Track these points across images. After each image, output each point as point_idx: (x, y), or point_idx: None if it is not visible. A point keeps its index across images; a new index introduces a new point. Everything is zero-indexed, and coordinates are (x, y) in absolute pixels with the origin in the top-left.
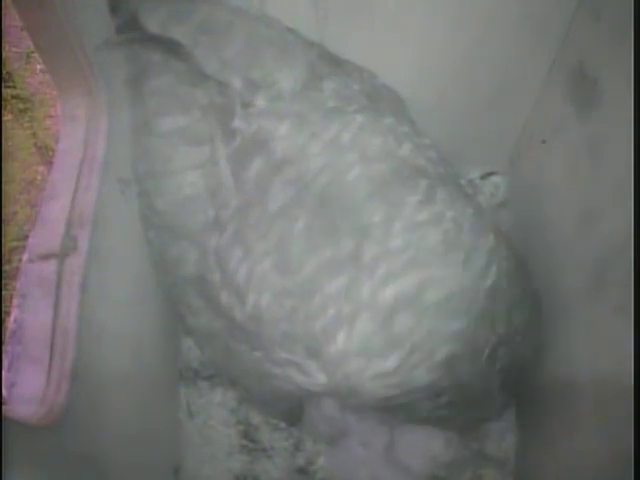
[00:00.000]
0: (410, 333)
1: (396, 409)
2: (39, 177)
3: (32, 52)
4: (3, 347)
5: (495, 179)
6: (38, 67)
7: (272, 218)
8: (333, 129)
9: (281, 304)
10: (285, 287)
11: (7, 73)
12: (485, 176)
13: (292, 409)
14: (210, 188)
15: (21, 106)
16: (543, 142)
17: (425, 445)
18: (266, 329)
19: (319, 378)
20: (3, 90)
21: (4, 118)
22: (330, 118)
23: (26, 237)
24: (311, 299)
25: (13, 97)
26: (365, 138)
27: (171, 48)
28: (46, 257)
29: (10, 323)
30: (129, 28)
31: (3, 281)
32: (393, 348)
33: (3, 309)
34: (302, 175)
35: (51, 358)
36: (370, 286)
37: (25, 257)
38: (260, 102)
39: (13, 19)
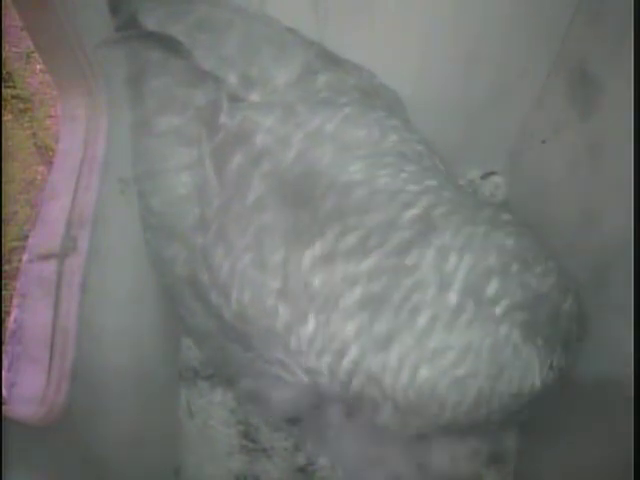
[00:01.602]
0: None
1: None
2: (39, 177)
3: (32, 52)
4: (3, 347)
5: (495, 179)
6: (38, 67)
7: (250, 212)
8: (317, 120)
9: (261, 300)
10: (263, 282)
11: (7, 73)
12: (485, 176)
13: (288, 409)
14: (198, 187)
15: (21, 106)
16: (543, 142)
17: (451, 454)
18: (251, 327)
19: (303, 378)
20: (3, 90)
21: (4, 118)
22: (317, 109)
23: (26, 237)
24: (288, 294)
25: (13, 97)
26: (347, 130)
27: (170, 45)
28: (46, 257)
29: (10, 323)
30: (129, 28)
31: (3, 281)
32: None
33: (3, 309)
34: (278, 165)
35: (51, 358)
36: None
37: (25, 257)
38: (254, 97)
39: (13, 19)
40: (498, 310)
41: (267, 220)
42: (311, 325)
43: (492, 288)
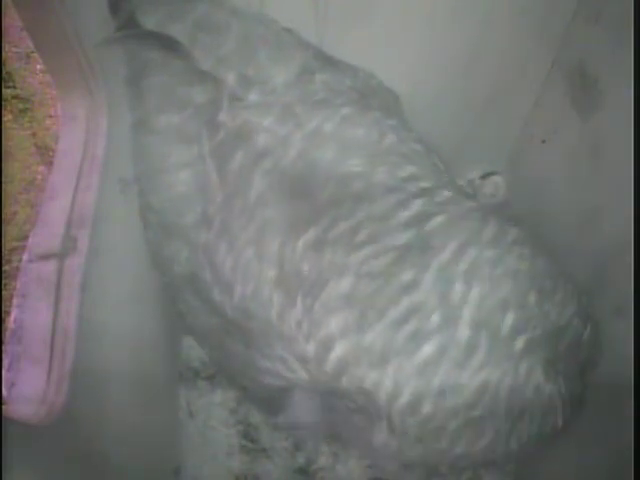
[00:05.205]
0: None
1: None
2: (39, 177)
3: (32, 52)
4: (3, 347)
5: (495, 179)
6: (38, 67)
7: (252, 208)
8: (316, 120)
9: (262, 293)
10: (261, 273)
11: (7, 73)
12: (485, 176)
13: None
14: (199, 185)
15: (21, 106)
16: (543, 142)
17: None
18: (253, 322)
19: (302, 374)
20: (3, 90)
21: (4, 118)
22: (316, 109)
23: (26, 237)
24: (282, 281)
25: (13, 97)
26: (347, 129)
27: (169, 45)
28: (46, 257)
29: (10, 323)
30: (128, 28)
31: (3, 281)
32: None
33: (3, 309)
34: (279, 162)
35: (51, 358)
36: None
37: (25, 257)
38: (252, 97)
39: (13, 19)
40: (517, 346)
41: (268, 215)
42: (299, 308)
43: (508, 322)
